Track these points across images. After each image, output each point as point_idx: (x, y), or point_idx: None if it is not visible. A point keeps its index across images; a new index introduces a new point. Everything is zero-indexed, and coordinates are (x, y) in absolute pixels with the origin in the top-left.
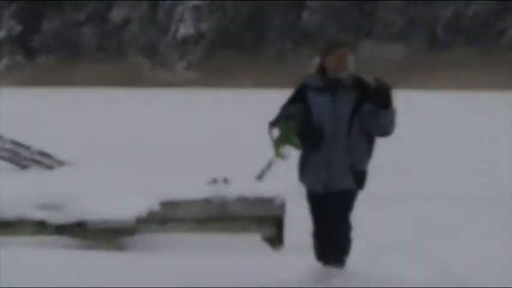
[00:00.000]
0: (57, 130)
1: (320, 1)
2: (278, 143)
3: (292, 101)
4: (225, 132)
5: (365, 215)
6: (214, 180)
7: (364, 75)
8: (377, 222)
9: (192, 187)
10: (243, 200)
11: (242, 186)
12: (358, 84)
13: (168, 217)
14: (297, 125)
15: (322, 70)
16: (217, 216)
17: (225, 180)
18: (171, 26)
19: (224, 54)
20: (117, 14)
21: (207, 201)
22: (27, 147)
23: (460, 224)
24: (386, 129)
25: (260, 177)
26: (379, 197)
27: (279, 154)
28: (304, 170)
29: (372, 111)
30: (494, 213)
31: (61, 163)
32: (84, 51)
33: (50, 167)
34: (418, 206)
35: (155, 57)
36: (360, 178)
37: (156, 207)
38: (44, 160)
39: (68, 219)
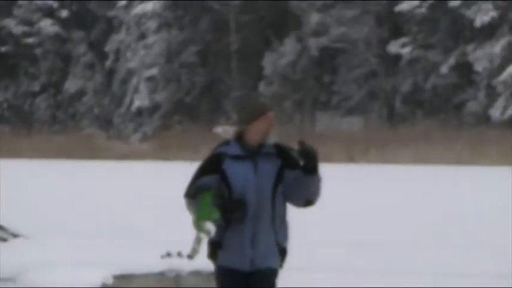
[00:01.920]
0: (10, 202)
1: (277, 72)
2: (200, 218)
3: (205, 171)
4: (180, 206)
5: None
6: (168, 254)
7: (323, 146)
8: None
9: (146, 260)
10: (197, 274)
11: (196, 260)
12: (280, 150)
13: None
14: (215, 198)
15: (240, 137)
16: None
17: (179, 254)
18: (126, 97)
19: (180, 126)
20: (71, 85)
21: (161, 275)
22: None
23: None
24: (311, 198)
25: (191, 256)
26: (329, 271)
27: (203, 230)
28: (222, 247)
29: (296, 178)
30: None
31: (14, 235)
32: (38, 122)
33: (3, 239)
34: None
35: (110, 128)
36: (283, 256)
37: (109, 280)
38: None
39: None
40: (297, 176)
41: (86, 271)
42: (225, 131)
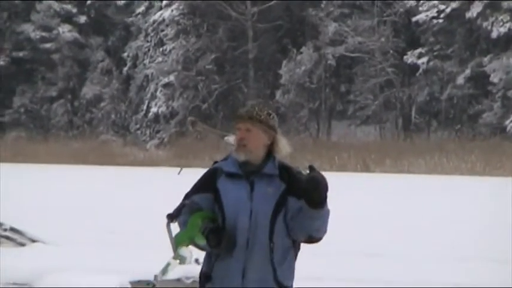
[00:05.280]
0: (28, 207)
1: (294, 80)
2: (178, 241)
3: (198, 189)
4: None
5: None
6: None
7: (339, 155)
8: None
9: (162, 266)
10: None
11: None
12: (286, 172)
13: None
14: (204, 221)
15: None
16: None
17: (196, 261)
18: (143, 103)
19: (196, 132)
20: (88, 90)
21: (178, 281)
22: None
23: None
24: (314, 234)
25: (154, 283)
26: (343, 281)
27: (177, 256)
28: (212, 280)
29: (300, 209)
30: None
31: (32, 240)
32: (54, 127)
33: (21, 244)
34: None
35: (127, 135)
36: None
37: (126, 286)
38: (15, 237)
39: None
40: (300, 208)
41: (103, 277)
42: (202, 127)
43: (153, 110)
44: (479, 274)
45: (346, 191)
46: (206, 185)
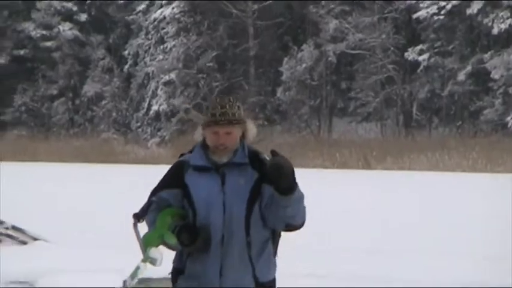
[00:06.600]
0: (29, 205)
1: (295, 77)
2: (147, 242)
3: (165, 185)
4: None
5: None
6: None
7: (340, 153)
8: None
9: (163, 263)
10: None
11: None
12: (257, 160)
13: None
14: (174, 218)
15: (206, 144)
16: None
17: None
18: (144, 101)
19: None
20: (89, 88)
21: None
22: (1, 222)
23: None
24: (290, 221)
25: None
26: (344, 279)
27: (147, 258)
28: (182, 275)
29: (273, 196)
30: None
31: (34, 238)
32: (55, 125)
33: (23, 242)
34: None
35: (128, 133)
36: None
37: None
38: (17, 235)
39: None
40: (272, 196)
41: (104, 277)
42: (196, 116)
43: (154, 108)
44: (480, 271)
45: (347, 188)
46: (173, 180)
